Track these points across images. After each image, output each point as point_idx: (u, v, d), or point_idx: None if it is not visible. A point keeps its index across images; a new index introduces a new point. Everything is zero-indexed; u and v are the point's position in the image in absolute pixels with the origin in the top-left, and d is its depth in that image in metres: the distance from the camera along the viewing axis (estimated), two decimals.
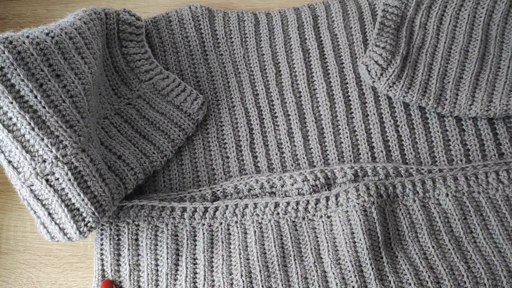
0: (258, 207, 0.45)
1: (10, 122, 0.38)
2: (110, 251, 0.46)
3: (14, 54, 0.37)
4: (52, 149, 0.39)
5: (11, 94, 0.37)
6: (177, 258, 0.45)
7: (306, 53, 0.52)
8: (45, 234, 0.41)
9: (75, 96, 0.40)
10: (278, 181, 0.46)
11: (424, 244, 0.43)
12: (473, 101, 0.47)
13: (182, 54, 0.53)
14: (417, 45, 0.49)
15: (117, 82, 0.50)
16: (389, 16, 0.49)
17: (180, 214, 0.45)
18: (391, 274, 0.42)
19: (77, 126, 0.40)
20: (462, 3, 0.49)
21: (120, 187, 0.44)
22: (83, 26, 0.44)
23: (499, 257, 0.42)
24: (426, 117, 0.49)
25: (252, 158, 0.50)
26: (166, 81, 0.50)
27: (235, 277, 0.43)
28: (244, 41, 0.53)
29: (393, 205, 0.44)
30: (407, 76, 0.47)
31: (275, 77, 0.52)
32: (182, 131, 0.49)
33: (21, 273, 0.50)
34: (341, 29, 0.52)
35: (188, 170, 0.50)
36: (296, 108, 0.50)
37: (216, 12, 0.54)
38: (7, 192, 0.53)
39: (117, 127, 0.48)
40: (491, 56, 0.48)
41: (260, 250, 0.44)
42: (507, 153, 0.47)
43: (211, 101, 0.52)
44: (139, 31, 0.51)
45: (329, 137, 0.49)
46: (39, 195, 0.40)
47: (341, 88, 0.50)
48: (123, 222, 0.46)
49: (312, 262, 0.43)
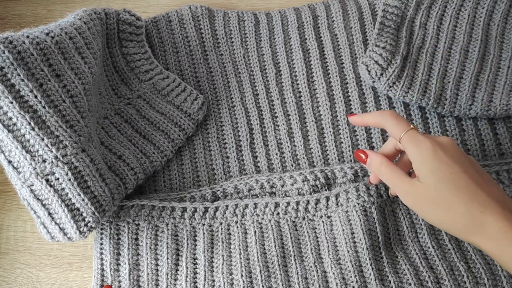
0: (258, 207, 0.45)
1: (10, 122, 0.38)
2: (109, 250, 0.46)
3: (14, 54, 0.37)
4: (52, 149, 0.39)
5: (11, 94, 0.37)
6: (177, 258, 0.45)
7: (306, 53, 0.52)
8: (45, 234, 0.41)
9: (75, 96, 0.40)
10: (278, 181, 0.46)
11: (424, 244, 0.43)
12: (473, 101, 0.47)
13: (182, 54, 0.53)
14: (417, 45, 0.49)
15: (117, 82, 0.50)
16: (389, 16, 0.49)
17: (180, 214, 0.45)
18: (391, 274, 0.42)
19: (77, 126, 0.40)
20: (462, 3, 0.49)
21: (120, 187, 0.44)
22: (83, 26, 0.44)
23: None
24: (426, 117, 0.49)
25: (252, 158, 0.50)
26: (166, 81, 0.50)
27: (235, 277, 0.43)
28: (244, 41, 0.53)
29: (393, 205, 0.44)
30: (407, 76, 0.47)
31: (275, 77, 0.52)
32: (182, 131, 0.49)
33: (21, 273, 0.50)
34: (341, 29, 0.52)
35: (188, 170, 0.50)
36: (296, 108, 0.50)
37: (216, 12, 0.54)
38: (7, 192, 0.53)
39: (117, 127, 0.48)
40: (491, 56, 0.48)
41: (260, 250, 0.44)
42: (507, 153, 0.47)
43: (211, 101, 0.52)
44: (139, 31, 0.51)
45: (329, 137, 0.49)
46: (39, 195, 0.40)
47: (341, 88, 0.50)
48: (123, 222, 0.46)
49: (312, 262, 0.43)
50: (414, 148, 0.36)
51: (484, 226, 0.34)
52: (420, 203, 0.36)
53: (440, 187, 0.35)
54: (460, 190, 0.34)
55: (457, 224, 0.35)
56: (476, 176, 0.35)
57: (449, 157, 0.35)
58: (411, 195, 0.36)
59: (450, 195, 0.34)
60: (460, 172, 0.35)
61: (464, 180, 0.35)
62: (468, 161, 0.36)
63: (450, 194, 0.34)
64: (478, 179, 0.35)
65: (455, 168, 0.35)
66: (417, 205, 0.36)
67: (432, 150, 0.35)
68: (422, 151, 0.36)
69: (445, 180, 0.35)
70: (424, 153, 0.36)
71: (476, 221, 0.34)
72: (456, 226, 0.35)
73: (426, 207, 0.36)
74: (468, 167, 0.36)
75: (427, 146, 0.36)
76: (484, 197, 0.34)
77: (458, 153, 0.36)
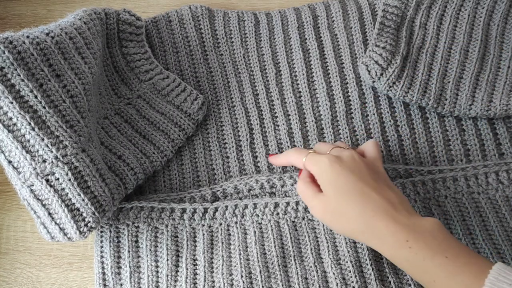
0: (257, 207, 0.45)
1: (10, 122, 0.38)
2: (110, 253, 0.46)
3: (14, 54, 0.37)
4: (52, 149, 0.39)
5: (11, 94, 0.37)
6: (177, 260, 0.45)
7: (306, 53, 0.52)
8: (45, 234, 0.41)
9: (75, 96, 0.40)
10: (278, 181, 0.46)
11: None
12: (473, 101, 0.47)
13: (182, 54, 0.53)
14: (417, 45, 0.49)
15: (117, 82, 0.50)
16: (389, 16, 0.49)
17: (179, 215, 0.45)
18: (391, 275, 0.42)
19: (77, 126, 0.40)
20: (462, 3, 0.49)
21: (120, 187, 0.44)
22: (83, 26, 0.43)
23: (498, 258, 0.42)
24: (426, 117, 0.49)
25: (252, 158, 0.50)
26: (166, 81, 0.50)
27: (235, 278, 0.43)
28: (244, 41, 0.53)
29: None
30: (407, 76, 0.47)
31: (275, 77, 0.52)
32: (182, 131, 0.49)
33: (21, 273, 0.50)
34: (341, 29, 0.52)
35: (188, 170, 0.50)
36: (296, 108, 0.50)
37: (216, 12, 0.54)
38: (7, 192, 0.53)
39: (117, 127, 0.48)
40: (491, 56, 0.48)
41: (260, 251, 0.44)
42: (507, 153, 0.47)
43: (211, 101, 0.52)
44: (139, 31, 0.51)
45: (329, 137, 0.49)
46: (39, 195, 0.40)
47: (341, 88, 0.50)
48: (123, 224, 0.46)
49: (312, 262, 0.43)
50: (314, 166, 0.39)
51: (377, 230, 0.35)
52: (324, 214, 0.38)
53: (338, 197, 0.37)
54: (355, 197, 0.37)
55: (356, 231, 0.37)
56: (371, 183, 0.37)
57: (344, 168, 0.38)
58: (317, 207, 0.39)
59: (346, 203, 0.37)
60: (356, 181, 0.37)
61: (359, 187, 0.37)
62: (367, 169, 0.38)
63: (345, 202, 0.37)
64: (374, 185, 0.37)
65: (350, 177, 0.37)
66: (324, 217, 0.38)
67: (329, 164, 0.38)
68: (321, 166, 0.39)
69: (341, 190, 0.37)
70: (322, 168, 0.38)
71: (369, 226, 0.36)
72: (356, 233, 0.37)
73: (329, 217, 0.38)
74: (365, 175, 0.38)
75: (324, 161, 0.39)
76: (377, 202, 0.36)
77: (355, 163, 0.39)
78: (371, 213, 0.36)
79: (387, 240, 0.35)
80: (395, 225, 0.35)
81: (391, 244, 0.35)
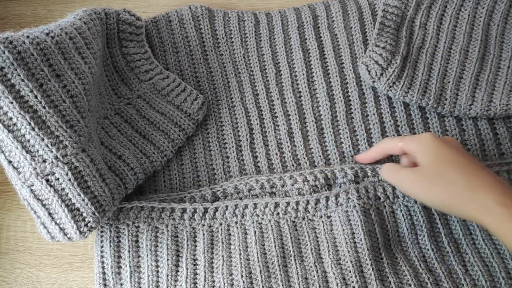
0: (258, 207, 0.45)
1: (10, 122, 0.38)
2: (110, 253, 0.46)
3: (14, 54, 0.37)
4: (52, 149, 0.39)
5: (11, 94, 0.37)
6: (177, 259, 0.45)
7: (306, 53, 0.52)
8: (45, 234, 0.41)
9: (75, 96, 0.40)
10: (279, 181, 0.46)
11: (424, 246, 0.43)
12: (473, 101, 0.47)
13: (182, 54, 0.53)
14: (417, 45, 0.49)
15: (117, 82, 0.50)
16: (389, 16, 0.49)
17: (180, 215, 0.45)
18: (392, 275, 0.42)
19: (77, 126, 0.40)
20: (462, 3, 0.49)
21: (120, 187, 0.44)
22: (83, 26, 0.43)
23: (498, 258, 0.42)
24: (426, 117, 0.49)
25: (252, 158, 0.50)
26: (166, 81, 0.50)
27: (236, 278, 0.43)
28: (244, 41, 0.53)
29: (394, 206, 0.44)
30: (407, 76, 0.47)
31: (275, 77, 0.52)
32: (182, 131, 0.49)
33: (21, 273, 0.50)
34: (341, 29, 0.52)
35: (188, 170, 0.50)
36: (296, 108, 0.50)
37: (216, 12, 0.54)
38: (7, 192, 0.53)
39: (117, 127, 0.48)
40: (491, 56, 0.48)
41: (260, 251, 0.44)
42: (507, 153, 0.47)
43: (211, 101, 0.52)
44: (139, 31, 0.51)
45: (329, 137, 0.49)
46: (39, 195, 0.40)
47: (341, 88, 0.50)
48: (123, 224, 0.46)
49: (313, 262, 0.43)
50: (414, 142, 0.40)
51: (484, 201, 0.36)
52: (419, 183, 0.38)
53: (441, 166, 0.38)
54: (461, 168, 0.37)
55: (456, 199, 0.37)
56: (473, 159, 0.39)
57: (448, 144, 0.39)
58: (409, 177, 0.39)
59: (451, 171, 0.37)
60: (460, 155, 0.38)
61: (465, 161, 0.38)
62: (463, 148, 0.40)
63: (451, 171, 0.37)
64: (476, 161, 0.39)
65: (454, 151, 0.38)
66: (415, 186, 0.39)
67: (431, 138, 0.39)
68: (422, 141, 0.40)
69: (446, 160, 0.38)
70: (424, 142, 0.39)
71: (476, 196, 0.36)
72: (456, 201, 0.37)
73: (424, 186, 0.38)
74: (467, 154, 0.39)
75: (427, 136, 0.40)
76: (485, 175, 0.37)
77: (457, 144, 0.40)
78: (479, 184, 0.36)
79: (496, 211, 0.35)
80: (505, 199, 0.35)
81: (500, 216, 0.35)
